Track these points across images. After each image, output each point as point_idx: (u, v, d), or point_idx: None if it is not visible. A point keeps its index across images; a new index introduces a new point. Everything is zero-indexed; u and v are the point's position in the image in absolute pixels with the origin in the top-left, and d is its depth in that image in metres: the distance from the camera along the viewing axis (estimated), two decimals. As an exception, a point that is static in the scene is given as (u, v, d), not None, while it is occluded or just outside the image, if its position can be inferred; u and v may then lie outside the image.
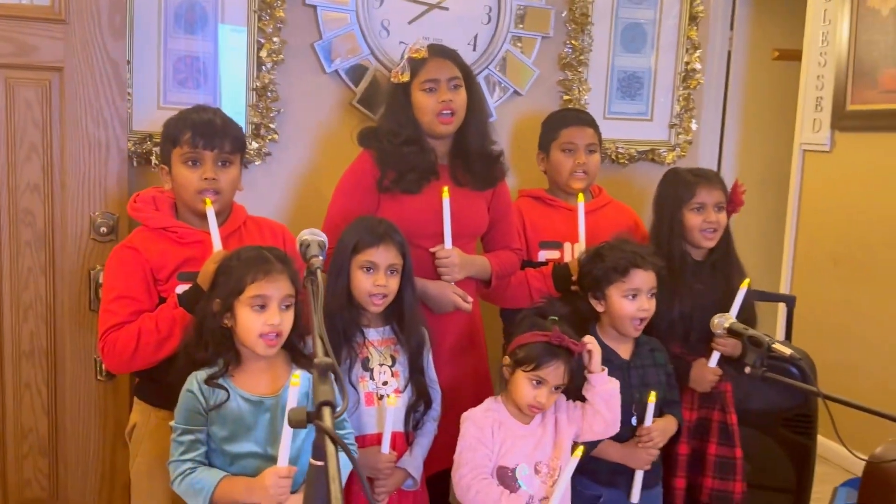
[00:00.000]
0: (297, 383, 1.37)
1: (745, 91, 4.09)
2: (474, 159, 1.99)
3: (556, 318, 1.68)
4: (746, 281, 1.96)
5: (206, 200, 1.66)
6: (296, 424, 1.08)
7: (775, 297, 2.78)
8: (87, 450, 2.03)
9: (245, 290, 1.49)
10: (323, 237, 1.57)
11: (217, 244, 1.65)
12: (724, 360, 2.00)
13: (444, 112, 1.91)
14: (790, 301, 2.69)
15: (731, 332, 1.88)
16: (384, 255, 1.71)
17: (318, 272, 1.42)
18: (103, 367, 1.98)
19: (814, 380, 2.24)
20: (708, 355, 2.00)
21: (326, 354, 1.15)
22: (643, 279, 1.82)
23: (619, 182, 2.54)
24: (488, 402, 1.72)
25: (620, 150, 2.58)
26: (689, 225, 2.02)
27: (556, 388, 1.65)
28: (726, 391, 2.08)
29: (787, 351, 1.73)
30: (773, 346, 1.74)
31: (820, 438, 2.94)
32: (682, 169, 2.20)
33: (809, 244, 3.53)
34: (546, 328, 1.65)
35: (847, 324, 3.28)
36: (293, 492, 1.46)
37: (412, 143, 1.93)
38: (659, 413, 1.87)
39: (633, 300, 1.82)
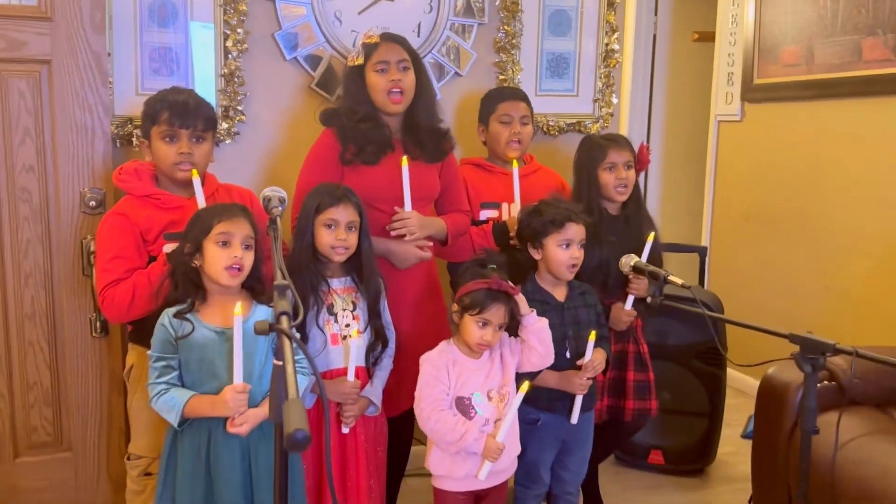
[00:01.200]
0: (239, 313, 1.55)
1: (669, 70, 4.22)
2: (424, 135, 2.10)
3: (495, 267, 1.83)
4: (651, 234, 2.13)
5: (192, 171, 1.83)
6: (260, 332, 1.22)
7: (688, 249, 2.91)
8: (87, 398, 2.15)
9: (212, 230, 1.65)
10: (282, 193, 1.79)
11: (202, 205, 1.81)
12: (636, 302, 2.18)
13: (394, 91, 2.02)
14: (702, 251, 2.89)
15: (636, 269, 2.05)
16: (343, 213, 1.86)
17: (278, 220, 1.68)
18: (99, 322, 2.12)
19: (715, 310, 2.50)
20: (623, 299, 2.19)
21: (284, 279, 1.34)
22: (575, 231, 1.98)
23: (551, 151, 2.67)
24: (442, 345, 1.86)
25: (551, 123, 2.70)
26: (603, 182, 2.20)
27: (500, 326, 1.81)
28: (637, 327, 2.29)
29: (679, 281, 1.89)
30: (669, 278, 1.90)
31: (738, 375, 3.27)
32: (595, 135, 2.36)
33: (725, 202, 3.70)
34: (486, 276, 1.81)
35: (756, 270, 3.49)
36: (250, 407, 1.64)
37: (369, 119, 2.05)
38: (585, 347, 1.98)
39: (566, 249, 1.97)
